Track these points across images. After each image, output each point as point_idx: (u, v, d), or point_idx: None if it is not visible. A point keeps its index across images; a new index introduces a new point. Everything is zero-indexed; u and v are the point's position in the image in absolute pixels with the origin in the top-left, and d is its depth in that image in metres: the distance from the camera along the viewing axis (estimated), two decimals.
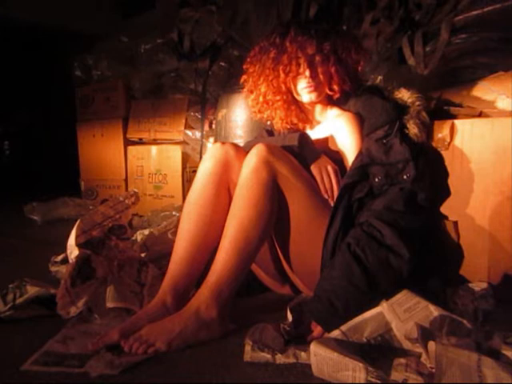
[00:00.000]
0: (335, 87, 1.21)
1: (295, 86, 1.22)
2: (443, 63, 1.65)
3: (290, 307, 1.05)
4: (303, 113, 1.30)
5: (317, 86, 1.20)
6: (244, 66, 1.29)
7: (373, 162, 1.10)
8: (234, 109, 1.93)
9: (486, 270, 1.21)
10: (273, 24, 2.08)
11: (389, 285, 0.97)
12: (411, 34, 1.77)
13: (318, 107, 1.28)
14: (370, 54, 1.69)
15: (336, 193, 1.12)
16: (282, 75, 1.19)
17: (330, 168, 1.15)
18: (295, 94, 1.24)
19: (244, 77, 1.29)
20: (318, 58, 1.19)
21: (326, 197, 1.13)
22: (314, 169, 1.15)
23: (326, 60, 1.19)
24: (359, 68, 1.25)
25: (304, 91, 1.21)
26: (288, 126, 1.31)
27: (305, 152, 1.16)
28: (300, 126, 1.31)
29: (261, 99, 1.26)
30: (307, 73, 1.18)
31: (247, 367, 0.87)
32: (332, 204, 1.11)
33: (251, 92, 1.29)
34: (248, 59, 1.28)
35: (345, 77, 1.21)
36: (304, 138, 1.17)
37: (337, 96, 1.23)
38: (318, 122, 1.30)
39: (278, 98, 1.24)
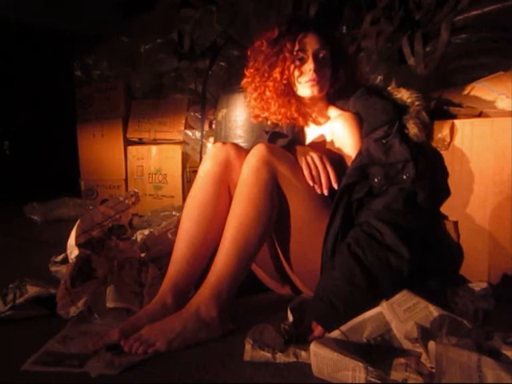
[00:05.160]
0: (336, 83, 1.24)
1: (297, 79, 1.20)
2: (443, 63, 1.66)
3: (290, 307, 1.05)
4: (304, 108, 1.27)
5: (319, 80, 1.19)
6: (247, 67, 1.28)
7: (372, 162, 1.10)
8: (234, 109, 1.93)
9: (486, 270, 1.21)
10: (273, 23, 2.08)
11: (389, 284, 0.97)
12: (411, 34, 1.78)
13: (318, 106, 1.27)
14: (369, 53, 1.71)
15: (324, 179, 1.10)
16: (285, 70, 1.19)
17: (314, 155, 1.13)
18: (297, 89, 1.22)
19: (248, 72, 1.27)
20: (321, 53, 1.19)
21: (311, 184, 1.10)
22: (299, 158, 1.14)
23: (328, 56, 1.21)
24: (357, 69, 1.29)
25: (307, 85, 1.19)
26: (288, 121, 1.28)
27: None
28: (300, 120, 1.28)
29: (268, 93, 1.23)
30: (311, 66, 1.17)
31: (247, 367, 0.87)
32: (326, 191, 1.10)
33: (255, 90, 1.26)
34: (250, 56, 1.27)
35: (344, 74, 1.25)
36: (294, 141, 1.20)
37: (336, 88, 1.26)
38: (318, 122, 1.29)
39: (279, 91, 1.22)
